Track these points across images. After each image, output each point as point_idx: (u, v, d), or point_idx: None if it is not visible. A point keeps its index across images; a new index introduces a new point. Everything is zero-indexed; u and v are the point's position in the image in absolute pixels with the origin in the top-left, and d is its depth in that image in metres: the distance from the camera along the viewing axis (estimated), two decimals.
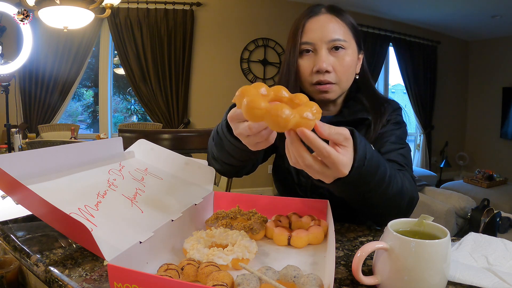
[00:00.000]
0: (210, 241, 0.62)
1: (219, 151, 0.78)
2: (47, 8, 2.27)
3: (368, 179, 0.60)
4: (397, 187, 0.69)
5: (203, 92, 4.19)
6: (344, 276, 0.54)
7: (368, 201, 0.67)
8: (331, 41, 0.83)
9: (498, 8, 4.14)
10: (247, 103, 0.46)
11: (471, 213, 2.26)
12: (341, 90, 0.88)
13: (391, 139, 0.86)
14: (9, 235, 0.65)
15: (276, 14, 4.31)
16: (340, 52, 0.84)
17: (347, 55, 0.85)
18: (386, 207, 0.70)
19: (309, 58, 0.85)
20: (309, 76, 0.86)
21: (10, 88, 2.57)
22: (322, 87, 0.84)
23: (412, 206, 0.77)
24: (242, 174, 0.89)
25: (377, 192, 0.65)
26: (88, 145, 0.73)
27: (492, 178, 4.08)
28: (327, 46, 0.84)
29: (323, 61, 0.82)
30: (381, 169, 0.63)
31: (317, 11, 0.86)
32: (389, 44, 4.99)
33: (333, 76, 0.84)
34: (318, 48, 0.84)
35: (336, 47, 0.84)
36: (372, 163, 0.59)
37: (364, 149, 0.57)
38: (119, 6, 3.62)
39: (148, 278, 0.41)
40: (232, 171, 0.85)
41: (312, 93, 0.88)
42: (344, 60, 0.84)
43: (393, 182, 0.67)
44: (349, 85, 0.89)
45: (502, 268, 0.56)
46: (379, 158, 0.63)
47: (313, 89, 0.86)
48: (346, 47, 0.85)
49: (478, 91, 5.64)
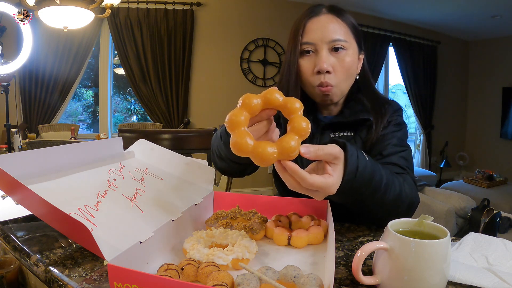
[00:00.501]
0: (210, 241, 0.62)
1: (227, 149, 0.78)
2: (47, 8, 2.26)
3: (361, 189, 0.63)
4: (395, 194, 0.70)
5: (203, 92, 4.19)
6: (344, 276, 0.54)
7: (364, 208, 0.70)
8: (331, 41, 0.83)
9: (498, 8, 4.14)
10: (233, 142, 0.50)
11: (471, 213, 2.26)
12: (341, 92, 0.88)
13: (392, 142, 0.86)
14: (9, 235, 0.65)
15: (276, 14, 4.31)
16: (340, 52, 0.84)
17: (348, 56, 0.85)
18: (383, 213, 0.71)
19: (310, 58, 0.85)
20: (310, 77, 0.85)
21: (10, 88, 2.56)
22: (325, 90, 0.84)
23: (411, 210, 0.78)
24: (246, 173, 0.90)
25: (373, 199, 0.67)
26: (88, 145, 0.73)
27: (492, 178, 4.08)
28: (327, 47, 0.83)
29: (324, 61, 0.82)
30: (375, 178, 0.64)
31: (318, 12, 0.86)
32: (389, 44, 4.98)
33: (333, 77, 0.84)
34: (319, 49, 0.84)
35: (336, 48, 0.83)
36: (365, 174, 0.61)
37: (356, 162, 0.59)
38: (119, 6, 3.62)
39: (148, 278, 0.41)
40: (238, 169, 0.85)
41: (314, 95, 0.88)
42: (345, 60, 0.84)
43: (390, 189, 0.69)
44: (349, 86, 0.89)
45: (502, 268, 0.56)
46: (374, 168, 0.64)
47: (315, 92, 0.86)
48: (346, 48, 0.84)
49: (478, 91, 5.64)
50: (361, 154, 0.62)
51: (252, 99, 0.52)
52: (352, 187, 0.60)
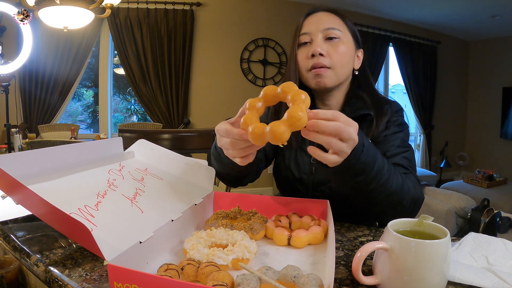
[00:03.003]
0: (210, 241, 0.62)
1: (219, 165, 0.81)
2: (47, 8, 2.26)
3: (368, 167, 0.64)
4: (398, 184, 0.71)
5: (203, 92, 4.19)
6: (344, 276, 0.54)
7: (368, 195, 0.69)
8: (326, 29, 0.87)
9: (498, 8, 4.13)
10: (252, 131, 0.55)
11: (471, 213, 2.26)
12: (336, 76, 0.88)
13: (396, 143, 0.87)
14: (9, 235, 0.65)
15: (276, 14, 4.31)
16: (334, 41, 0.87)
17: (342, 44, 0.88)
18: (387, 204, 0.71)
19: (306, 48, 0.89)
20: (305, 61, 0.88)
21: (10, 88, 2.56)
22: (317, 70, 0.86)
23: (416, 207, 0.78)
24: (246, 182, 0.91)
25: (377, 184, 0.67)
26: (88, 145, 0.73)
27: (492, 178, 4.08)
28: (322, 35, 0.87)
29: (317, 45, 0.86)
30: (378, 161, 0.66)
31: (315, 10, 0.92)
32: (389, 44, 4.98)
33: (327, 60, 0.86)
34: (314, 37, 0.88)
35: (331, 37, 0.87)
36: (370, 152, 0.63)
37: (362, 138, 0.62)
38: (119, 6, 3.62)
39: (148, 278, 0.41)
40: (234, 181, 0.88)
41: (308, 80, 0.90)
42: (339, 47, 0.87)
43: (393, 177, 0.70)
44: (344, 74, 0.90)
45: (502, 268, 0.56)
46: (376, 152, 0.67)
47: (309, 76, 0.89)
48: (340, 37, 0.88)
49: (478, 91, 5.64)
50: (365, 136, 0.65)
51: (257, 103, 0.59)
52: (358, 163, 0.61)
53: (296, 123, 0.52)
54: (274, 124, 0.53)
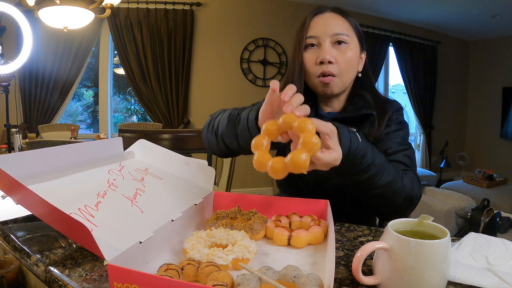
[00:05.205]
0: (210, 241, 0.62)
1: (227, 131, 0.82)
2: (47, 8, 2.26)
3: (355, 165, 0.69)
4: (387, 180, 0.74)
5: (203, 92, 4.19)
6: (344, 276, 0.54)
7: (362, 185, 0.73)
8: (334, 34, 0.86)
9: (498, 8, 4.13)
10: (272, 166, 0.57)
11: (471, 213, 2.26)
12: (342, 83, 0.89)
13: (397, 140, 0.89)
14: (9, 235, 0.65)
15: (276, 14, 4.31)
16: (342, 46, 0.87)
17: (350, 49, 0.88)
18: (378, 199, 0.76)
19: (313, 51, 0.88)
20: (313, 67, 0.88)
21: (10, 88, 2.56)
22: (325, 79, 0.87)
23: (410, 204, 0.80)
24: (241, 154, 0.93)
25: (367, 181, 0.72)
26: (88, 145, 0.73)
27: (492, 178, 4.08)
28: (330, 40, 0.87)
29: (327, 52, 0.85)
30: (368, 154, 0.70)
31: (322, 10, 0.91)
32: (389, 44, 4.98)
33: (335, 68, 0.86)
34: (322, 41, 0.87)
35: (339, 41, 0.87)
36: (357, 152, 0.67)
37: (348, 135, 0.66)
38: (119, 6, 3.62)
39: (148, 278, 0.41)
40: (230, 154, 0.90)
41: (315, 86, 0.90)
42: (347, 53, 0.87)
43: (383, 174, 0.73)
44: (350, 80, 0.91)
45: (502, 268, 0.56)
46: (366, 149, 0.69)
47: (317, 82, 0.89)
48: (348, 42, 0.88)
49: (478, 91, 5.64)
50: (353, 134, 0.68)
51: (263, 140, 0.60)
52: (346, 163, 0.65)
53: (314, 148, 0.55)
54: (294, 154, 0.55)
